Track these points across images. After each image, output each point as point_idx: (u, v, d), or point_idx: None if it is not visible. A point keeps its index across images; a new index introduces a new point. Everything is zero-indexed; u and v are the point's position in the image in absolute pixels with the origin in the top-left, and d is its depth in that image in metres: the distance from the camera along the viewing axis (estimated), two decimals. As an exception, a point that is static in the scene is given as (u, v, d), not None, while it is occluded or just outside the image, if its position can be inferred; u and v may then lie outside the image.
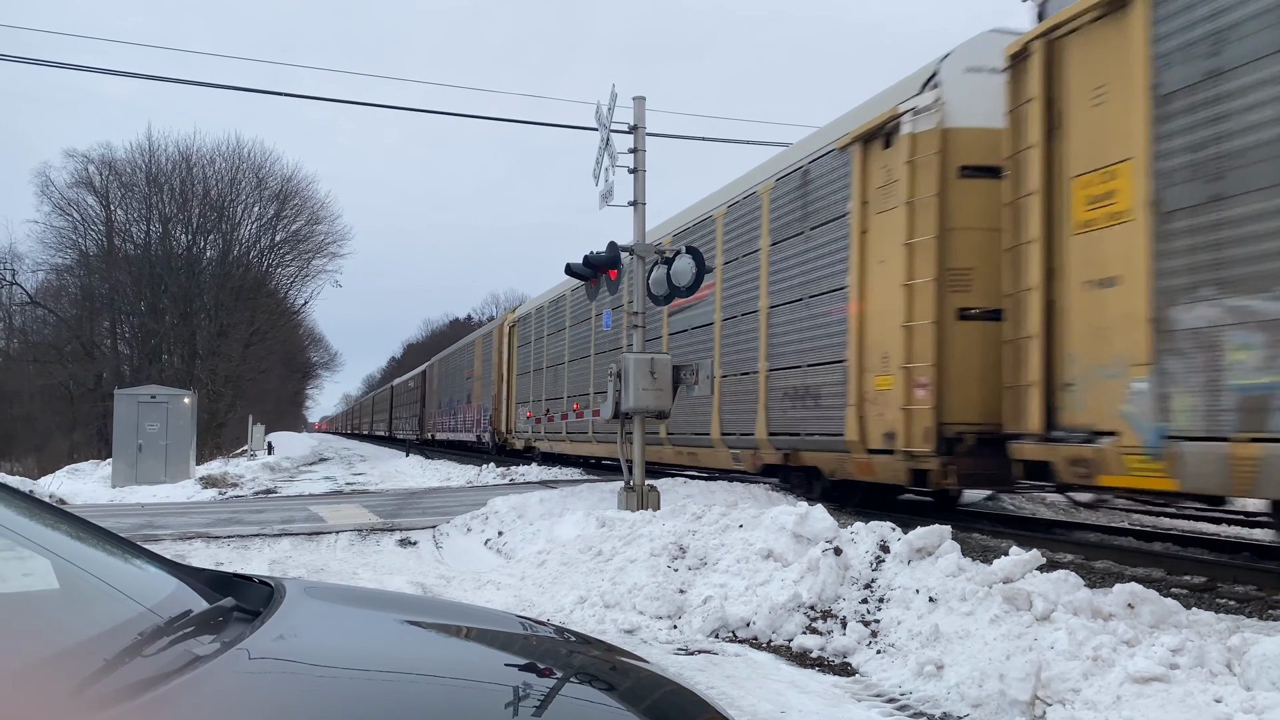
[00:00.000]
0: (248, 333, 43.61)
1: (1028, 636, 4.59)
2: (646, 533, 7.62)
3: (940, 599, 5.30)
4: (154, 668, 1.50)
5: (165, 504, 15.84)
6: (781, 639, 5.82)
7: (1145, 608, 4.82)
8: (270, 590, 2.13)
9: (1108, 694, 3.98)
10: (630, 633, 6.07)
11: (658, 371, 10.61)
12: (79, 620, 1.75)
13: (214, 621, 1.82)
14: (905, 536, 6.09)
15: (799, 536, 6.67)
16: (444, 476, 22.09)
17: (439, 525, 11.12)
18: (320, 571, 8.35)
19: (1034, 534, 9.64)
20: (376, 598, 2.54)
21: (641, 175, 11.25)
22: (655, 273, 11.36)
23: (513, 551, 9.51)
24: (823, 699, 4.68)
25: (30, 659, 1.48)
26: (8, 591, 2.11)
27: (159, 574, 2.08)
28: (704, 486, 12.57)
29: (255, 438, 38.75)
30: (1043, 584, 5.00)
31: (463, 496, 14.45)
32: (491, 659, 2.07)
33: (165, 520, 11.51)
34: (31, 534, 2.01)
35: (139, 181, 42.81)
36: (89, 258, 43.37)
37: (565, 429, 21.00)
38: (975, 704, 4.35)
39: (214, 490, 19.78)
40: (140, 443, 22.33)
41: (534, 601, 6.92)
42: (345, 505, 13.45)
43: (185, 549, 9.40)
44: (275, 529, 10.58)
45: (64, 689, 1.36)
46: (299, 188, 45.94)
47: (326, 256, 47.93)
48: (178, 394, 23.90)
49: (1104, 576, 7.41)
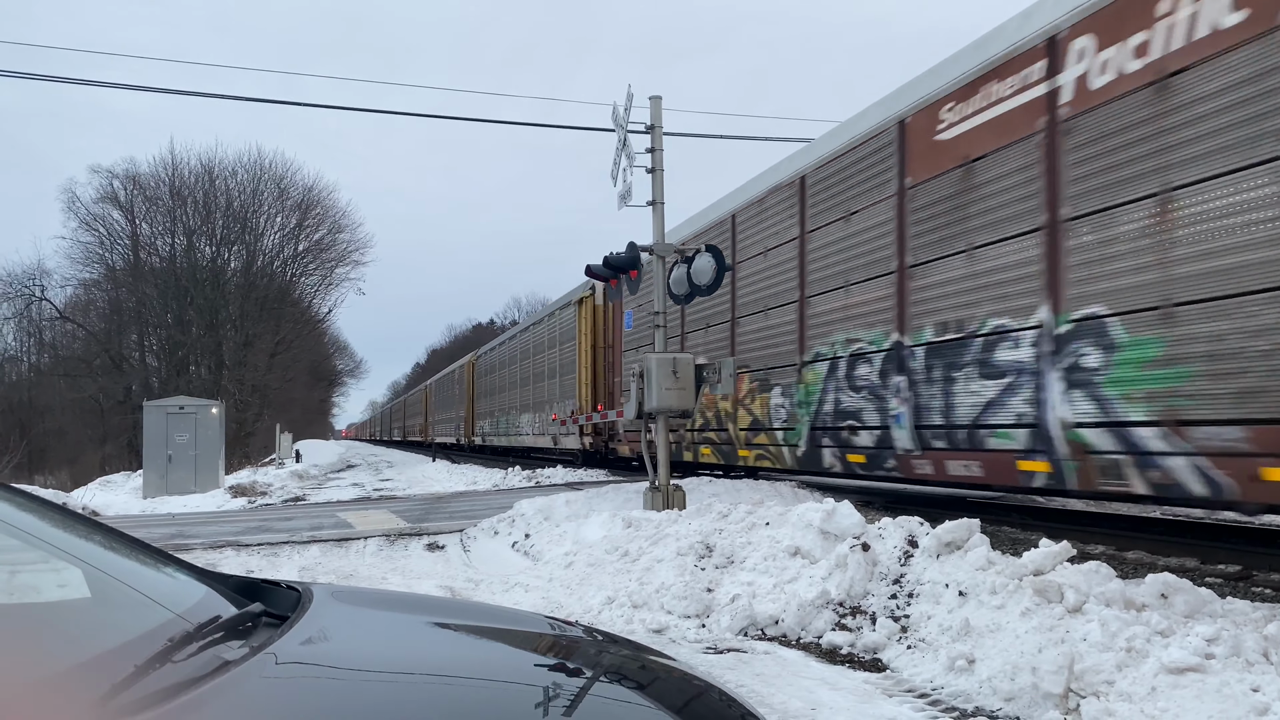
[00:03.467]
0: (273, 342, 43.96)
1: (1059, 629, 4.55)
2: (673, 532, 7.61)
3: (970, 593, 5.26)
4: (184, 673, 1.51)
5: (195, 513, 15.99)
6: (811, 636, 5.80)
7: (1179, 598, 4.77)
8: (298, 595, 2.14)
9: (1142, 685, 3.94)
10: (659, 632, 6.07)
11: (680, 371, 10.60)
12: (110, 627, 1.77)
13: (242, 627, 1.83)
14: (934, 531, 6.05)
15: (826, 533, 6.64)
16: (470, 480, 22.17)
17: (466, 529, 11.15)
18: (349, 577, 8.39)
19: (1063, 526, 9.55)
20: (404, 600, 2.55)
21: (660, 175, 11.25)
22: (675, 272, 11.36)
23: (540, 554, 9.53)
24: (854, 695, 4.65)
25: (63, 665, 1.50)
26: (42, 601, 2.13)
27: (188, 581, 2.10)
28: (729, 485, 12.54)
29: (283, 446, 39.10)
30: (1074, 576, 4.95)
31: (489, 500, 14.49)
32: (521, 659, 2.07)
33: (196, 529, 11.62)
34: (63, 544, 2.03)
35: (163, 195, 43.34)
36: (116, 272, 43.89)
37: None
38: (1008, 698, 4.31)
39: (243, 499, 19.93)
40: (170, 453, 22.55)
41: (562, 603, 6.93)
42: (373, 511, 13.53)
43: (216, 557, 9.48)
44: (304, 536, 10.65)
45: (96, 695, 1.38)
46: (320, 197, 46.33)
47: (349, 265, 48.29)
48: (206, 404, 24.12)
49: (1136, 567, 7.33)
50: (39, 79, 17.04)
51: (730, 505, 8.13)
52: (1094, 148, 7.20)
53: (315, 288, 49.49)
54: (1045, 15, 7.81)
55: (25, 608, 2.17)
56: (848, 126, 11.15)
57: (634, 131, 11.28)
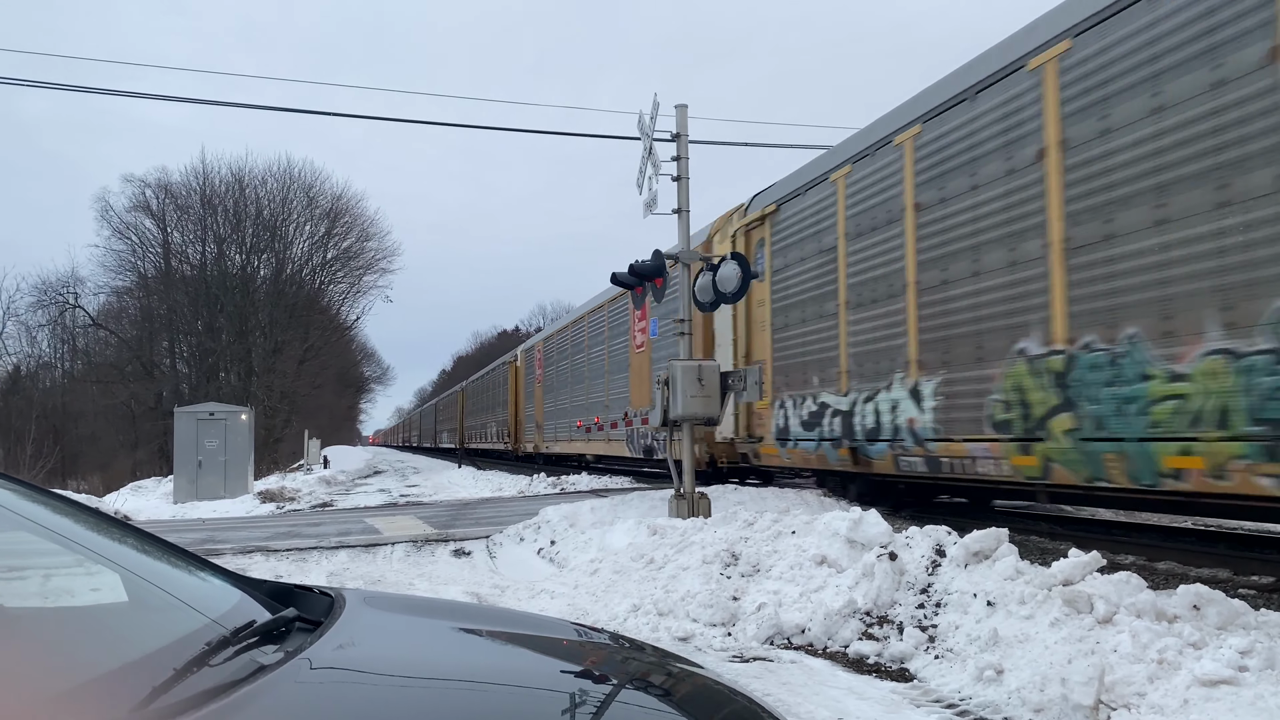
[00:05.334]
0: (302, 349, 44.39)
1: (1089, 640, 4.51)
2: (698, 540, 7.61)
3: (998, 603, 5.23)
4: (220, 677, 1.54)
5: (225, 519, 16.15)
6: (837, 645, 5.78)
7: (1211, 609, 4.71)
8: (330, 600, 2.17)
9: (1174, 698, 3.90)
10: (684, 640, 6.07)
11: (705, 378, 10.61)
12: (148, 632, 1.80)
13: (277, 632, 1.86)
14: (961, 540, 6.02)
15: (853, 542, 6.62)
16: (496, 487, 22.25)
17: (492, 535, 11.20)
18: (377, 582, 8.45)
19: (1093, 535, 9.45)
20: (434, 606, 2.57)
21: (685, 183, 11.27)
22: (701, 279, 11.37)
23: (565, 560, 9.56)
24: (881, 705, 4.63)
25: (102, 670, 1.53)
26: (80, 604, 2.18)
27: (223, 586, 2.14)
28: (754, 493, 12.52)
29: (311, 452, 39.38)
30: (1104, 586, 4.90)
31: (514, 506, 14.55)
32: (547, 666, 2.09)
33: (226, 535, 11.74)
34: (101, 549, 2.07)
35: (194, 204, 43.97)
36: (147, 279, 44.55)
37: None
38: (1037, 709, 4.27)
39: (272, 504, 20.11)
40: (200, 459, 22.81)
41: (587, 610, 6.94)
42: (400, 517, 13.61)
43: (246, 562, 9.57)
44: (333, 541, 10.74)
45: (135, 699, 1.41)
46: (348, 205, 46.82)
47: (377, 272, 48.76)
48: (235, 411, 24.37)
49: (1167, 578, 7.25)
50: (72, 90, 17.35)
51: (756, 513, 8.12)
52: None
53: (343, 295, 50.04)
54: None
55: (65, 612, 2.21)
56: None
57: (659, 140, 11.32)
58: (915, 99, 10.17)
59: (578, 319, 24.94)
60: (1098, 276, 7.39)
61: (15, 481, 2.20)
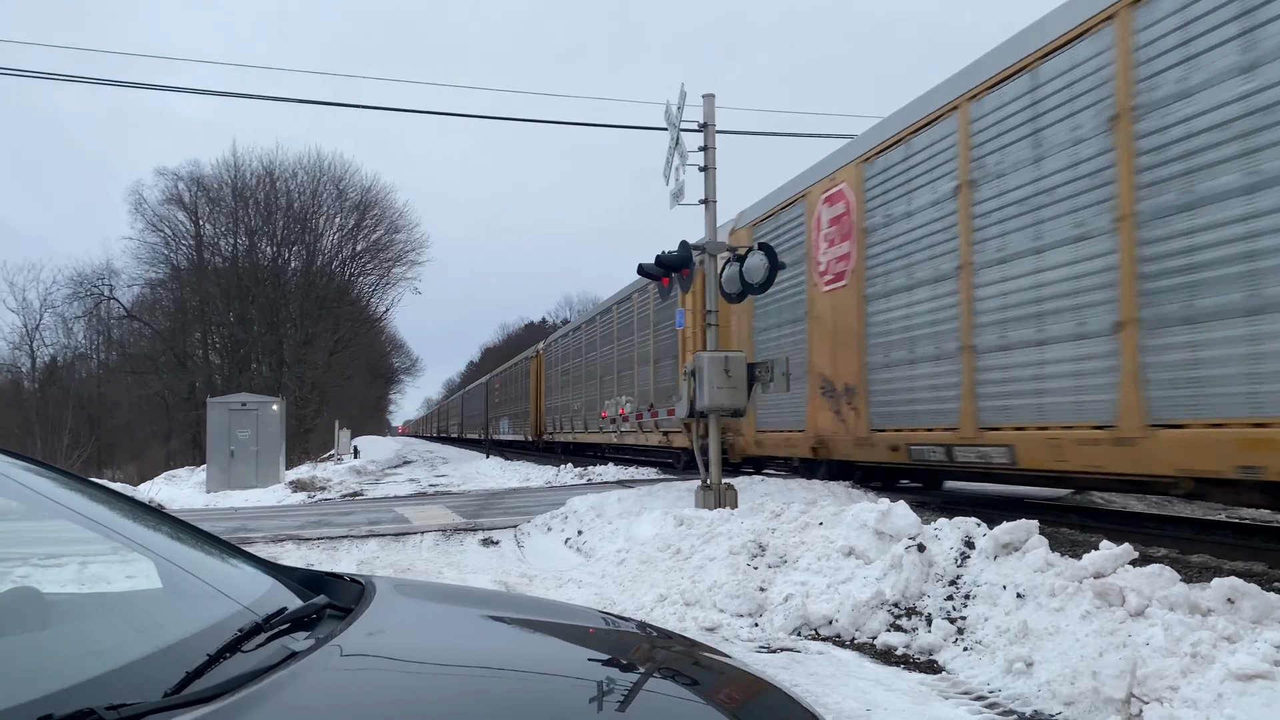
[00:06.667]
0: (332, 340, 44.72)
1: (1121, 633, 4.47)
2: (725, 531, 7.61)
3: (1028, 595, 5.19)
4: (252, 663, 1.56)
5: (257, 508, 16.35)
6: (865, 636, 5.76)
7: (1246, 602, 4.65)
8: (361, 588, 2.19)
9: (1208, 691, 3.85)
10: (711, 630, 6.07)
11: (732, 370, 10.58)
12: (181, 618, 1.83)
13: (308, 619, 1.88)
14: (991, 532, 5.97)
15: (881, 533, 6.59)
16: (523, 477, 22.35)
17: (520, 525, 11.26)
18: (406, 571, 8.52)
19: (1124, 528, 9.35)
20: (463, 594, 2.59)
21: (712, 173, 11.23)
22: (728, 270, 11.33)
23: (592, 550, 9.59)
24: (909, 697, 4.62)
25: (137, 654, 1.55)
26: (116, 590, 2.21)
27: (255, 573, 2.16)
28: (781, 484, 12.49)
29: (341, 442, 39.79)
30: (1136, 579, 4.85)
31: (542, 496, 14.61)
32: (576, 654, 2.10)
33: (258, 523, 11.88)
34: (136, 536, 2.10)
35: (225, 196, 44.35)
36: (180, 271, 45.05)
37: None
38: (1068, 701, 4.24)
39: (303, 494, 20.32)
40: (232, 449, 23.08)
41: (614, 599, 6.96)
42: (429, 506, 13.71)
43: (277, 551, 9.69)
44: (363, 530, 10.84)
45: (169, 684, 1.43)
46: (378, 198, 47.00)
47: (406, 264, 48.91)
48: (267, 401, 24.63)
49: (1200, 571, 7.16)
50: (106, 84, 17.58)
51: (783, 505, 8.10)
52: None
53: (373, 287, 50.27)
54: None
55: (101, 597, 2.25)
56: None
57: (687, 130, 11.28)
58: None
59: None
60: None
61: (54, 470, 2.23)
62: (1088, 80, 7.80)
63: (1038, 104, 8.39)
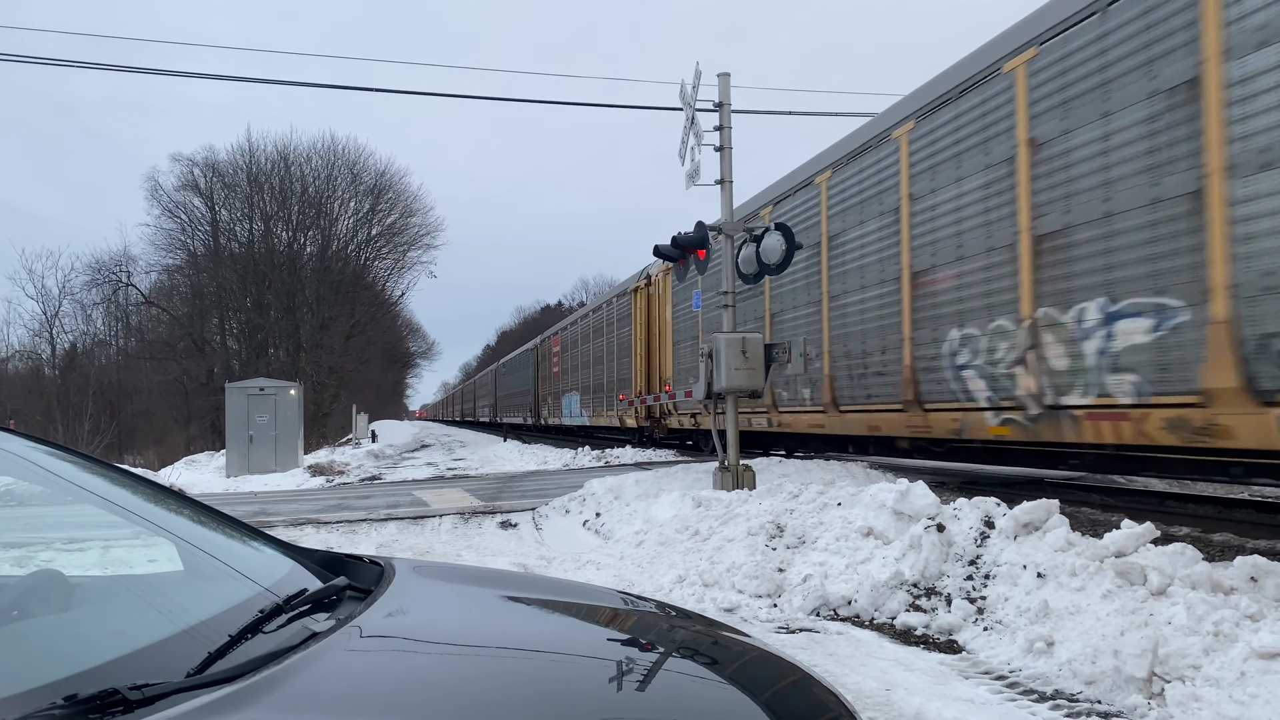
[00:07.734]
0: (349, 325, 44.88)
1: (1143, 612, 4.44)
2: (743, 512, 7.61)
3: (1049, 574, 5.16)
4: (274, 644, 1.56)
5: (276, 492, 16.46)
6: (884, 617, 5.75)
7: (1270, 581, 4.61)
8: (380, 570, 2.20)
9: (1231, 670, 3.82)
10: (730, 611, 6.08)
11: (749, 350, 10.55)
12: (203, 599, 1.84)
13: (328, 600, 1.89)
14: (1011, 511, 5.94)
15: (900, 514, 6.57)
16: (541, 460, 22.42)
17: (538, 507, 11.29)
18: (425, 554, 8.57)
19: (1145, 507, 9.30)
20: (482, 575, 2.59)
21: (728, 153, 11.16)
22: (744, 251, 11.28)
23: (610, 532, 9.61)
24: (929, 676, 4.61)
25: (159, 635, 1.56)
26: (139, 573, 2.23)
27: (275, 555, 2.17)
28: (799, 465, 12.48)
29: (359, 426, 40.04)
30: (1157, 558, 4.82)
31: (560, 479, 14.65)
32: (595, 633, 2.10)
33: (277, 507, 11.96)
34: (158, 520, 2.11)
35: (241, 182, 44.46)
36: (197, 257, 45.26)
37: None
38: (1089, 681, 4.22)
39: (322, 478, 20.44)
40: (251, 434, 23.24)
41: (633, 580, 6.98)
42: (447, 490, 13.77)
43: (297, 534, 9.75)
44: (381, 514, 10.90)
45: (191, 664, 1.43)
46: (392, 182, 47.03)
47: (421, 248, 48.99)
48: (284, 386, 24.77)
49: (1223, 550, 7.11)
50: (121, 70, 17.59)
51: (801, 485, 8.09)
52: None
53: (388, 271, 50.39)
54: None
55: (124, 580, 2.26)
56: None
57: (702, 110, 11.20)
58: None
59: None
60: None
61: (77, 454, 2.24)
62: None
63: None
